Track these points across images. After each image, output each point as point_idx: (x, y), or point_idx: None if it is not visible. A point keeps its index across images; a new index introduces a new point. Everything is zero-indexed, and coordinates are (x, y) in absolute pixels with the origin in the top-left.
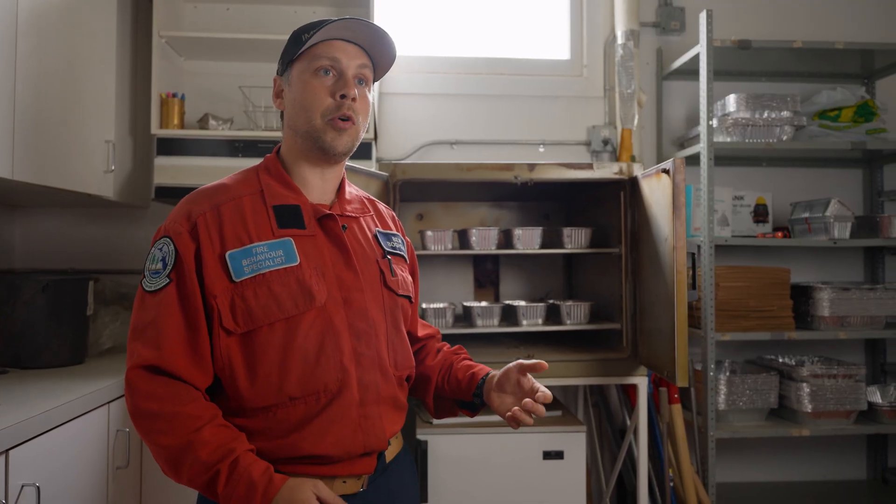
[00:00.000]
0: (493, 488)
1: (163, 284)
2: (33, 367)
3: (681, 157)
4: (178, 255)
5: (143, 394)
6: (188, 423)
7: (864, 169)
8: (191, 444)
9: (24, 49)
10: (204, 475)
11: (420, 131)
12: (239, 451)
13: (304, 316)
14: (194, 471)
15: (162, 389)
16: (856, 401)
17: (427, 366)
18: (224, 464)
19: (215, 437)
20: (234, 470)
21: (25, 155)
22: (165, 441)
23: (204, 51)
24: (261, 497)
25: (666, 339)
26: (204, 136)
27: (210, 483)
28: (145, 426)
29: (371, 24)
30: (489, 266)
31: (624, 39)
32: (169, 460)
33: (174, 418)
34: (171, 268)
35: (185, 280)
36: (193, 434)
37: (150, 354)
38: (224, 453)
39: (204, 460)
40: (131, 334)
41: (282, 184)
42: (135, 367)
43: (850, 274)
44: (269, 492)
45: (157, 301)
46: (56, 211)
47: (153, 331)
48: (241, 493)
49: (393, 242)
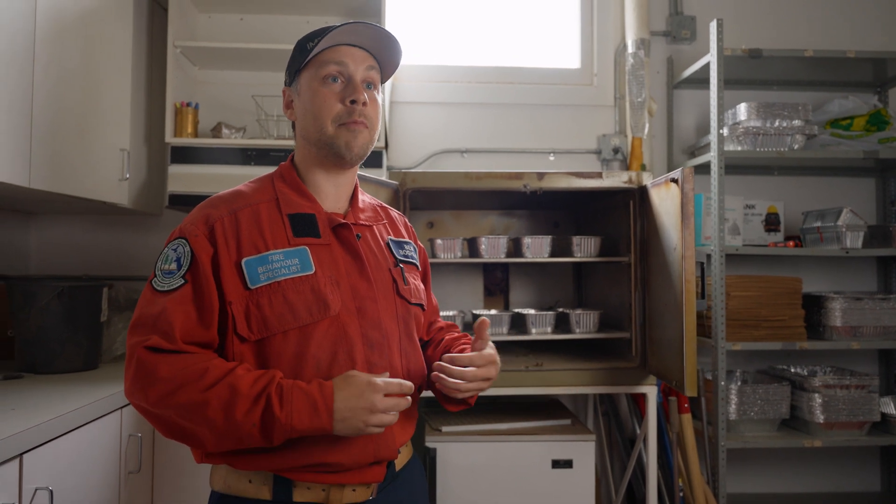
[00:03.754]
0: (501, 496)
1: (177, 285)
2: (48, 373)
3: (691, 165)
4: (194, 256)
5: (166, 366)
6: (218, 370)
7: (876, 178)
8: (231, 386)
9: (41, 59)
10: (256, 409)
11: (431, 140)
12: (277, 375)
13: (318, 325)
14: (244, 408)
15: (182, 356)
16: (869, 412)
17: (427, 355)
18: (270, 389)
19: (248, 372)
20: (282, 391)
21: (42, 163)
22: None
23: (217, 60)
24: (321, 398)
25: (675, 349)
26: (217, 145)
27: (265, 414)
28: (181, 394)
29: (375, 26)
30: (499, 274)
31: (634, 48)
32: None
33: (206, 372)
34: (186, 268)
35: (200, 281)
36: (229, 377)
37: (163, 343)
38: (265, 381)
39: (247, 393)
40: (134, 328)
41: (297, 192)
42: (145, 348)
43: (862, 284)
44: (325, 392)
45: (168, 299)
46: (71, 218)
47: (164, 322)
48: (301, 406)
49: (405, 251)
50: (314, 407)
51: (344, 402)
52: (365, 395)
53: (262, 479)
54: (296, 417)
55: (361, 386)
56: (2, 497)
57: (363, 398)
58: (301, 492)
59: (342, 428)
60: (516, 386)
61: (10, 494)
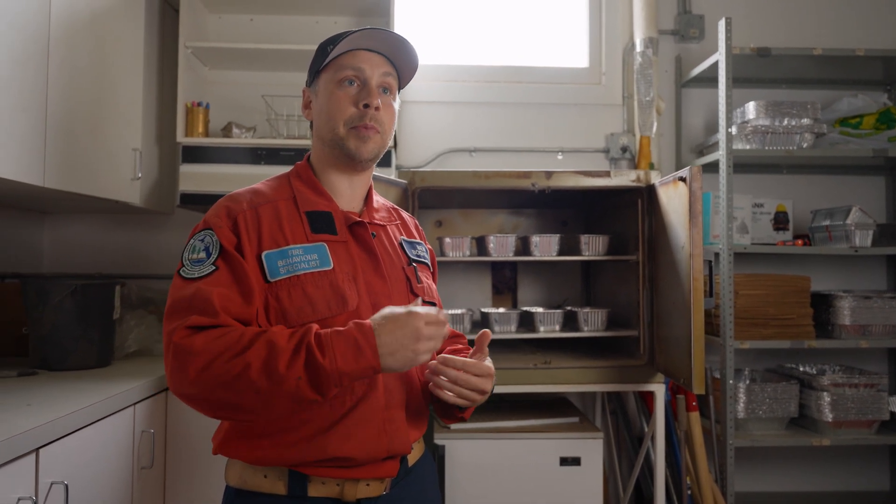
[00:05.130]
0: (509, 494)
1: (208, 271)
2: (61, 369)
3: (700, 164)
4: (222, 245)
5: (201, 342)
6: (251, 332)
7: (886, 176)
8: (268, 341)
9: (55, 59)
10: (297, 361)
11: (439, 139)
12: (314, 327)
13: (336, 319)
14: (285, 361)
15: (217, 330)
16: (878, 410)
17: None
18: (309, 338)
19: (282, 329)
20: (321, 338)
21: (56, 163)
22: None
23: (228, 61)
24: (362, 337)
25: (682, 347)
26: (228, 144)
27: (308, 366)
28: (219, 364)
29: (393, 34)
30: (507, 273)
31: (643, 47)
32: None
33: (241, 337)
34: (216, 256)
35: (234, 264)
36: (263, 335)
37: (203, 320)
38: (302, 332)
39: (285, 346)
40: (169, 316)
41: (313, 190)
42: (182, 328)
43: (871, 282)
44: (365, 330)
45: (201, 282)
46: (83, 217)
47: (199, 300)
48: (344, 349)
49: (417, 251)
50: (357, 347)
51: (388, 335)
52: (409, 325)
53: (278, 475)
54: (340, 361)
55: (402, 317)
56: (19, 490)
57: (408, 327)
58: (316, 486)
59: (392, 362)
60: (525, 384)
61: (28, 488)
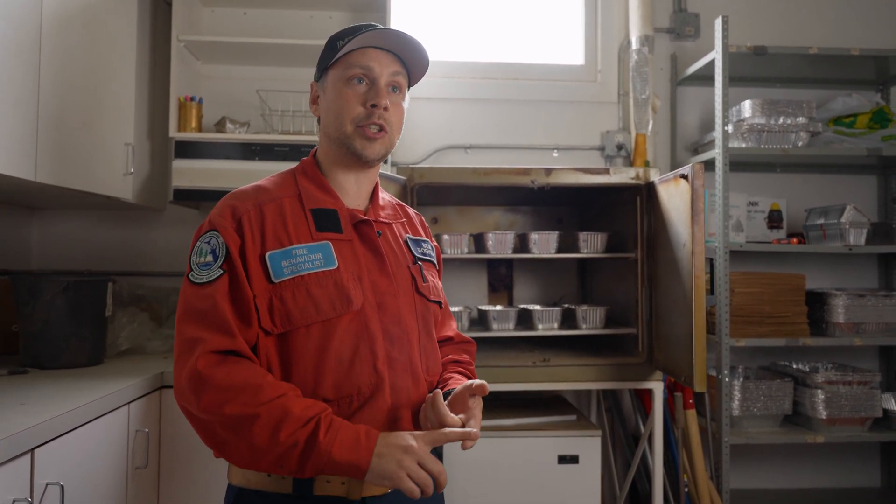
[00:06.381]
0: (507, 492)
1: (216, 276)
2: (53, 368)
3: (695, 162)
4: (228, 248)
5: (223, 375)
6: (273, 389)
7: (879, 175)
8: (284, 406)
9: (47, 53)
10: (302, 431)
11: (434, 135)
12: (329, 409)
13: (341, 319)
14: (291, 428)
15: (240, 367)
16: (871, 408)
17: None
18: (322, 416)
19: (300, 398)
20: (331, 421)
21: (48, 157)
22: (256, 410)
23: (221, 55)
24: (364, 437)
25: (683, 344)
26: (221, 140)
27: (309, 437)
28: (232, 406)
29: (404, 34)
30: (503, 270)
31: (638, 45)
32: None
33: (261, 388)
34: (222, 259)
35: (236, 272)
36: (282, 398)
37: (224, 341)
38: (318, 409)
39: (299, 415)
40: (185, 322)
41: (319, 187)
42: (206, 353)
43: (865, 280)
44: (370, 434)
45: (213, 290)
46: (73, 213)
47: (217, 317)
48: (345, 437)
49: (423, 248)
50: (357, 441)
51: (384, 439)
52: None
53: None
54: (336, 447)
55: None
56: (14, 491)
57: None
58: (321, 485)
59: (377, 464)
60: (524, 381)
61: (23, 489)
